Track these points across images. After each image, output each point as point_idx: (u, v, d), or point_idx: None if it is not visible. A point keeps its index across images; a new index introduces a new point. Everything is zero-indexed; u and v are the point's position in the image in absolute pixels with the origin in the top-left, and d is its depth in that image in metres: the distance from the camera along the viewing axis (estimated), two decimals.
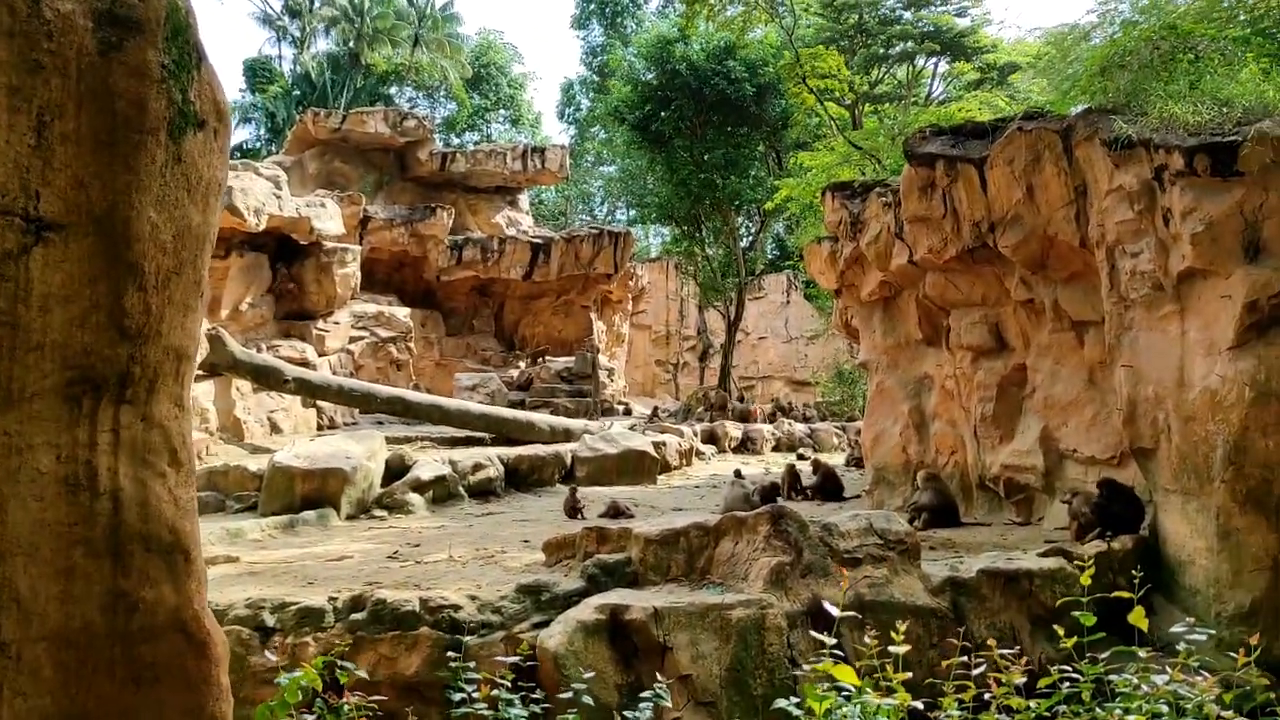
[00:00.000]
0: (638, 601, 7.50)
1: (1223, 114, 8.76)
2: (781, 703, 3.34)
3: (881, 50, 30.39)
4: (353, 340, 25.84)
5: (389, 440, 16.62)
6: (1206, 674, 3.58)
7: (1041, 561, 8.56)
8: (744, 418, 26.60)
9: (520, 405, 24.61)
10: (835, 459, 21.13)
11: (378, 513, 13.97)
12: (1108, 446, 10.61)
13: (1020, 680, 3.59)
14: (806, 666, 6.54)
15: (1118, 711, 3.24)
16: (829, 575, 7.79)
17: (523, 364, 30.46)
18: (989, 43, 29.62)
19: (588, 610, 7.43)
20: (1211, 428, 8.55)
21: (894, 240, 12.93)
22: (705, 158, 31.86)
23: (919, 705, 3.36)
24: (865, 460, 15.88)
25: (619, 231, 33.85)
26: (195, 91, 2.94)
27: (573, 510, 13.29)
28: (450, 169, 32.40)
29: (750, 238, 37.16)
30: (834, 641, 3.41)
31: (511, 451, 17.28)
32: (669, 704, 4.54)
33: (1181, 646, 3.69)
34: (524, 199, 35.74)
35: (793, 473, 15.77)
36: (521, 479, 16.70)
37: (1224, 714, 3.22)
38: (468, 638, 7.20)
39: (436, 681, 7.07)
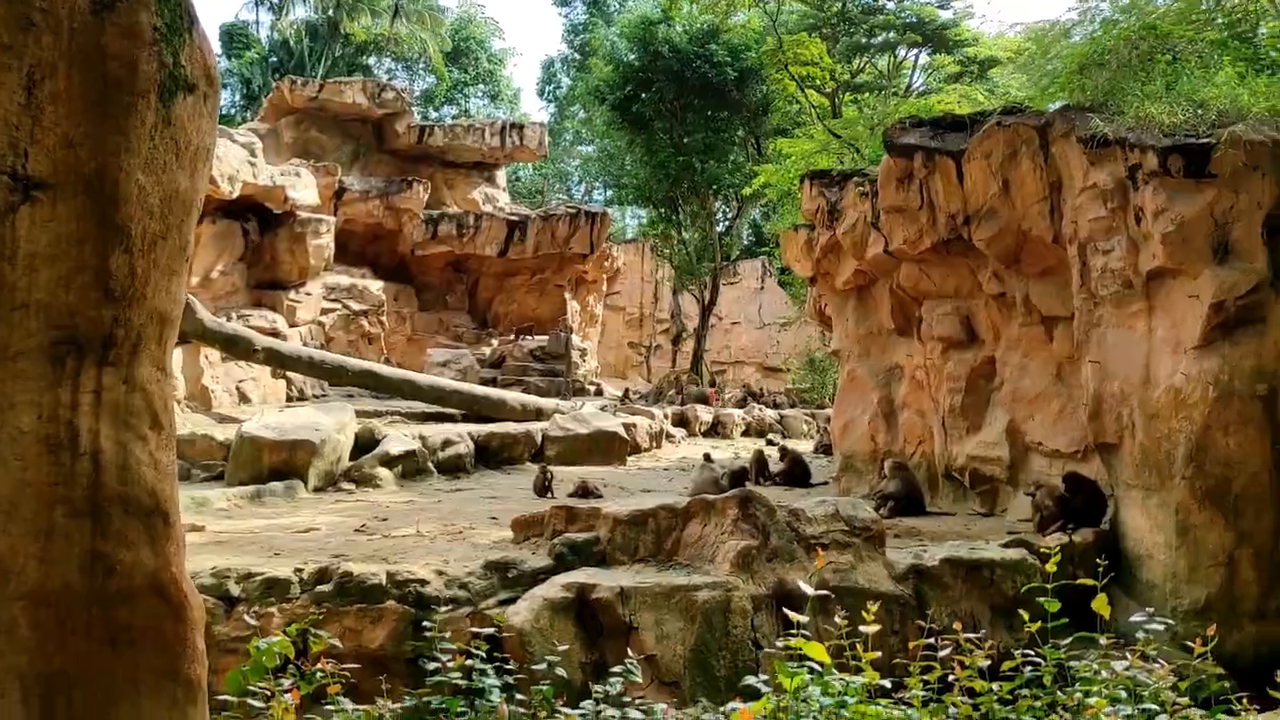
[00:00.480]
0: (605, 581, 7.55)
1: (1198, 116, 8.88)
2: (750, 680, 3.40)
3: (864, 39, 30.45)
4: (324, 312, 25.66)
5: (359, 414, 16.56)
6: (1163, 662, 3.71)
7: (1004, 552, 8.70)
8: (701, 400, 26.53)
9: (492, 383, 24.55)
10: (804, 445, 21.26)
11: (345, 486, 13.94)
12: (1073, 441, 10.76)
13: (984, 663, 3.70)
14: (777, 643, 6.62)
15: (1078, 695, 3.34)
16: (795, 560, 7.88)
17: (495, 341, 30.37)
18: (970, 36, 29.74)
19: (555, 588, 7.48)
20: (1174, 425, 8.71)
21: (870, 230, 13.01)
22: (685, 141, 31.82)
23: (886, 684, 3.45)
24: (834, 447, 16.00)
25: (596, 211, 33.74)
26: (186, 55, 2.95)
27: (543, 489, 13.33)
28: (428, 143, 32.14)
29: (727, 223, 37.18)
30: (806, 619, 3.49)
31: (482, 429, 17.28)
32: (639, 679, 4.60)
33: (1140, 635, 3.80)
34: (501, 176, 35.53)
35: (760, 458, 15.85)
36: (491, 456, 16.70)
37: (1179, 700, 3.34)
38: (442, 608, 7.22)
39: (401, 654, 7.10)
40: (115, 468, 2.84)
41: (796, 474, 15.28)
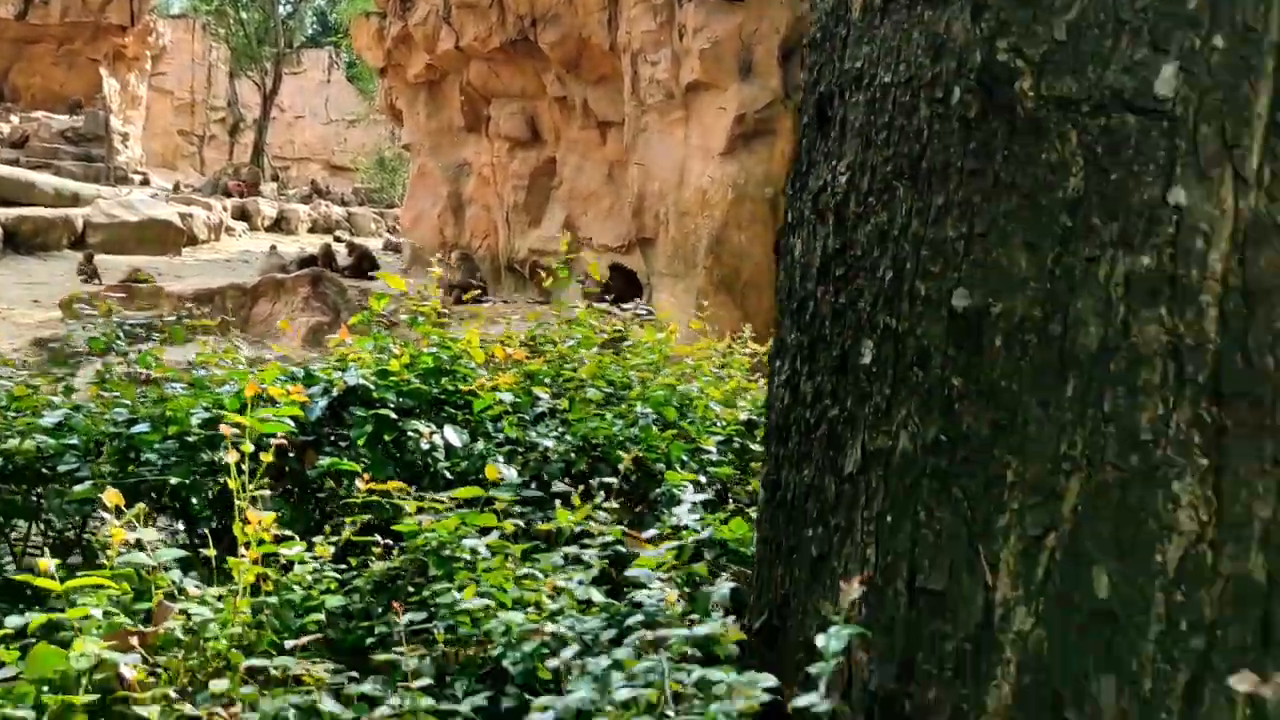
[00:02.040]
0: (172, 355, 7.53)
1: None
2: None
3: None
4: None
5: None
6: None
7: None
8: (226, 194, 24.95)
9: (14, 165, 21.75)
10: (373, 243, 21.32)
11: None
12: (619, 236, 12.00)
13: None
14: None
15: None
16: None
17: (16, 118, 26.65)
18: None
19: (118, 362, 7.34)
20: (700, 222, 10.08)
21: (442, 24, 13.13)
22: None
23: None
24: (403, 238, 16.36)
25: None
26: None
27: (89, 276, 12.49)
28: None
29: (291, 5, 34.82)
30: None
31: (10, 212, 15.54)
32: None
33: None
34: None
35: (328, 251, 15.86)
36: (23, 242, 15.16)
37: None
38: None
39: None
40: None
41: (364, 267, 15.49)
